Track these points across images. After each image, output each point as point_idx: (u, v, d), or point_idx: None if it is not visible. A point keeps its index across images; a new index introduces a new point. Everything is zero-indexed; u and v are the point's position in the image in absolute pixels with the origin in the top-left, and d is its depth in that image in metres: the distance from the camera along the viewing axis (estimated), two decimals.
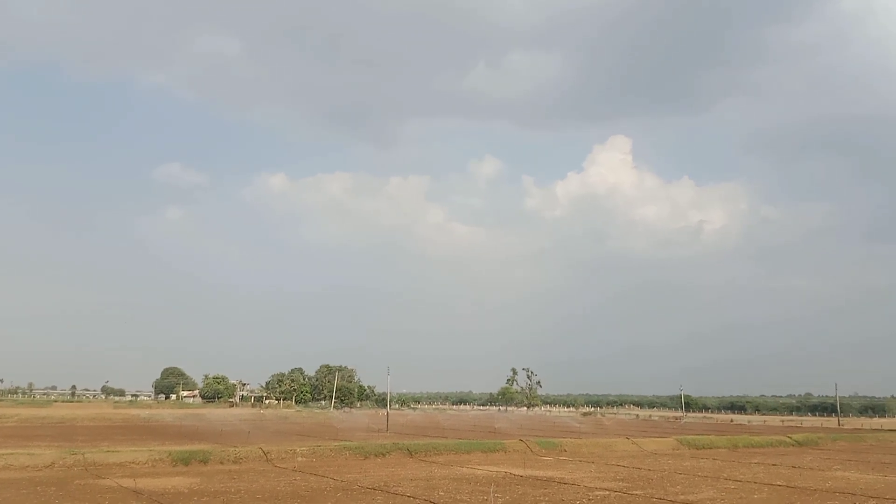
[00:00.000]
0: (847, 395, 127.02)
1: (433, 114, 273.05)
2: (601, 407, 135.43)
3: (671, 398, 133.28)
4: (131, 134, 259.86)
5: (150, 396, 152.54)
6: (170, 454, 24.21)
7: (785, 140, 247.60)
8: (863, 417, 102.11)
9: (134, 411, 79.36)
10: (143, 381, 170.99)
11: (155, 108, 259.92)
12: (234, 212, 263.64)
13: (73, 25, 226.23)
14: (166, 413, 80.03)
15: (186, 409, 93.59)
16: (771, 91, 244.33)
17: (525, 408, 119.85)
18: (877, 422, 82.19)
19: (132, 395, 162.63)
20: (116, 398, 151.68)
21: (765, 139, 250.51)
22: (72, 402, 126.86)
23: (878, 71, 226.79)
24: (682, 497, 16.96)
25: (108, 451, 24.29)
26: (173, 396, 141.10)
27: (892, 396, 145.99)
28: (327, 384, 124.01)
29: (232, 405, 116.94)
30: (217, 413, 78.74)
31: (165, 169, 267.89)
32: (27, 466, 21.39)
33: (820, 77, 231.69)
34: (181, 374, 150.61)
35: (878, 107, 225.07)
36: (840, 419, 76.61)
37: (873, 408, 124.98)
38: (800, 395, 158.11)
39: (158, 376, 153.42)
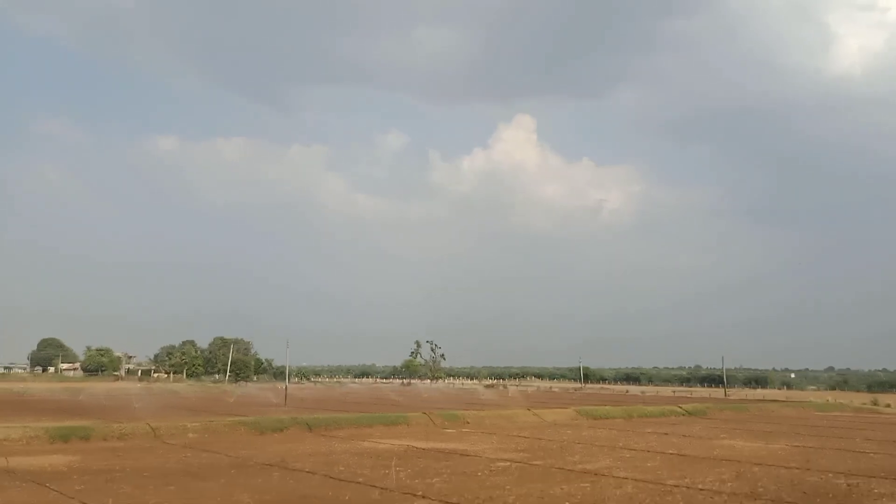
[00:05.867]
0: (733, 368, 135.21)
1: (337, 81, 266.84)
2: (504, 379, 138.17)
3: (571, 370, 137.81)
4: (8, 86, 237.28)
5: (24, 369, 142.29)
6: (47, 431, 22.46)
7: (674, 126, 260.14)
8: (747, 388, 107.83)
9: (6, 384, 74.51)
10: (17, 353, 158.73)
11: (39, 60, 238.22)
12: (121, 173, 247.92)
13: None
14: (43, 387, 75.17)
15: (66, 383, 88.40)
16: (660, 80, 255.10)
17: (429, 380, 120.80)
18: (759, 392, 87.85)
19: (5, 368, 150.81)
20: None
21: (656, 124, 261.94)
22: None
23: (759, 67, 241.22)
24: (581, 466, 17.20)
25: None
26: (51, 369, 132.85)
27: (774, 369, 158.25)
28: (222, 357, 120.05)
29: (117, 379, 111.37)
30: (100, 387, 74.60)
31: (45, 125, 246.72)
32: None
33: (705, 69, 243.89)
34: (60, 346, 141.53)
35: (757, 99, 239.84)
36: (726, 390, 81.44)
37: (756, 379, 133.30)
38: (690, 367, 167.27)
39: (35, 347, 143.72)
